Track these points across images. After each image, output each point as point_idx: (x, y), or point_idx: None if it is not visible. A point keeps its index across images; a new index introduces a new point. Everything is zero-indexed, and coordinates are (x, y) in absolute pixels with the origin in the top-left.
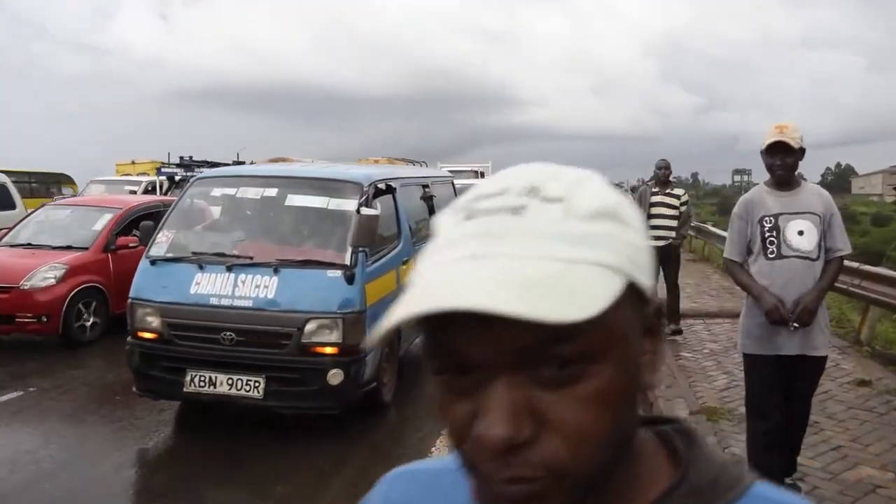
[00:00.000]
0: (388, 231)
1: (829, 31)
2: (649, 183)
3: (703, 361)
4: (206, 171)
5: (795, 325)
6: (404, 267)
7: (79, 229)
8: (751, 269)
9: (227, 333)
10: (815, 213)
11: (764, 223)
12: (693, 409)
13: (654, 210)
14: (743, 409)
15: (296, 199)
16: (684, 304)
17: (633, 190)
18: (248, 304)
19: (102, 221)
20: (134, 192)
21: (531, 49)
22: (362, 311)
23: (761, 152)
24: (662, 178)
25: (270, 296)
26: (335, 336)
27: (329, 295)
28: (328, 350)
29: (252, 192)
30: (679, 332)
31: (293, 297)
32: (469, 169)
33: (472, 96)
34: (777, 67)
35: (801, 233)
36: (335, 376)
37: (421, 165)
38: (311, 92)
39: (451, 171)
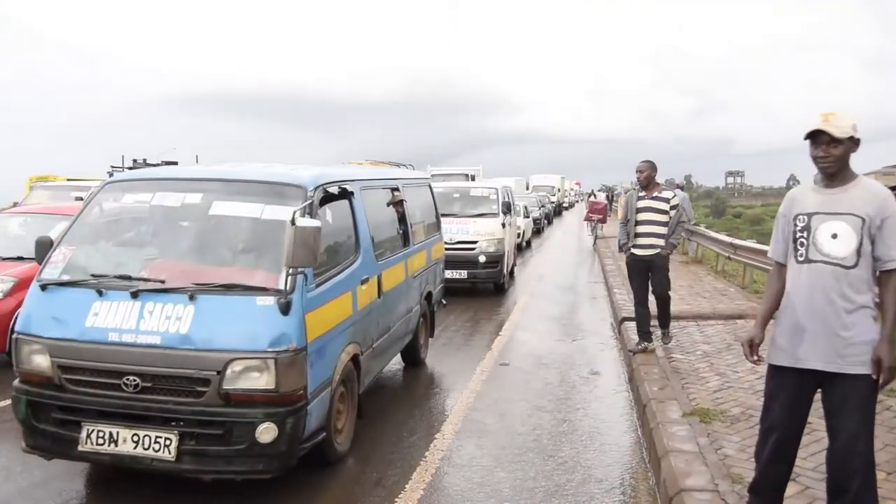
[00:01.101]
0: (343, 244)
1: (824, 33)
2: (636, 187)
3: (695, 363)
4: (119, 174)
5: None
6: (364, 287)
7: (32, 239)
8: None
9: (131, 378)
10: (856, 215)
11: (797, 222)
12: (686, 410)
13: (641, 216)
14: (735, 411)
15: (222, 207)
16: (677, 306)
17: (628, 192)
18: (156, 340)
19: (57, 230)
20: (81, 199)
21: (527, 53)
22: (301, 347)
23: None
24: (644, 181)
25: (184, 330)
26: (265, 381)
27: (258, 329)
28: (257, 398)
29: (171, 199)
30: (666, 339)
31: (212, 331)
32: (460, 172)
33: (468, 101)
34: (771, 70)
35: (834, 236)
36: (267, 432)
37: (406, 168)
38: (306, 97)
39: (441, 175)
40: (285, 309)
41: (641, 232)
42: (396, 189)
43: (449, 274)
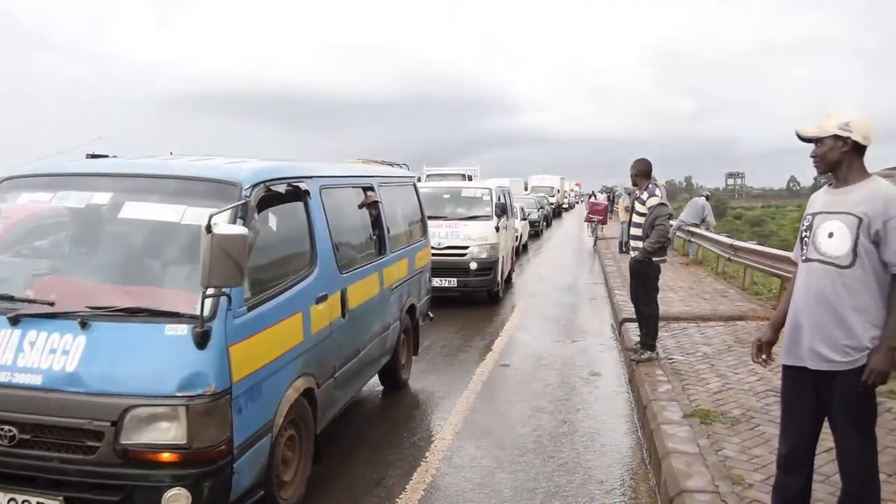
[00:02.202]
0: (293, 255)
1: (826, 35)
2: (634, 189)
3: (696, 364)
4: (19, 169)
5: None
6: (321, 306)
7: None
8: None
9: (6, 428)
10: (853, 214)
11: (804, 221)
12: (686, 411)
13: (631, 218)
14: (736, 412)
15: (136, 210)
16: (677, 308)
17: (629, 194)
18: (37, 380)
19: None
20: None
21: (529, 54)
22: (222, 390)
23: None
24: (633, 180)
25: (71, 368)
26: (174, 433)
27: (165, 366)
28: (164, 457)
29: (74, 199)
30: (651, 356)
31: (107, 370)
32: (457, 172)
33: (470, 101)
34: (773, 72)
35: (830, 235)
36: (177, 499)
37: (400, 168)
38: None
39: (437, 175)
40: (202, 340)
41: (631, 234)
42: (370, 188)
43: (437, 282)
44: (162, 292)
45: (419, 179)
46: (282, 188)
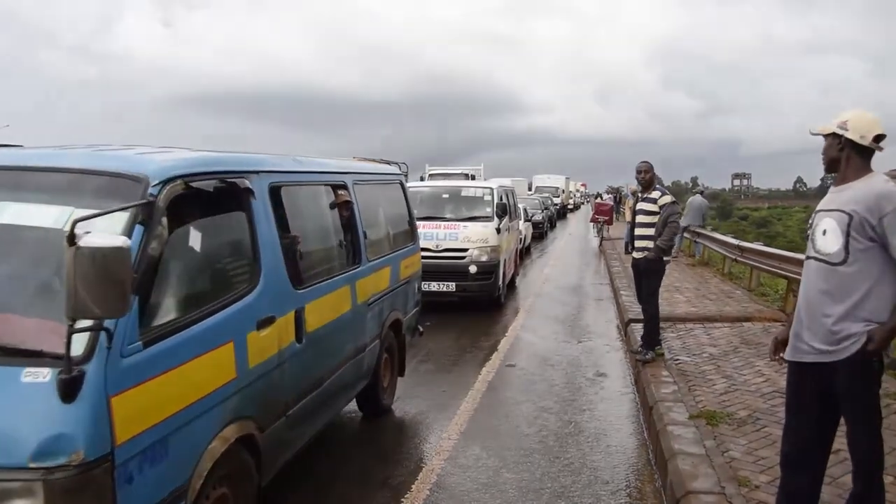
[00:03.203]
0: (224, 270)
1: (833, 36)
2: (639, 189)
3: (702, 365)
4: None
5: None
6: (264, 333)
7: None
8: None
9: None
10: (843, 212)
11: (809, 219)
12: (692, 413)
13: (637, 218)
14: (742, 413)
15: (5, 212)
16: (683, 309)
17: (633, 194)
18: None
19: None
20: None
21: (536, 55)
22: (99, 457)
23: None
24: (641, 181)
25: None
26: None
27: (18, 426)
28: None
29: None
30: (655, 356)
31: None
32: (458, 172)
33: (477, 101)
34: (779, 72)
35: (824, 232)
36: None
37: (399, 167)
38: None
39: (439, 174)
40: (68, 390)
41: (636, 234)
42: (341, 187)
43: (435, 286)
44: (25, 323)
45: (421, 179)
46: (209, 185)
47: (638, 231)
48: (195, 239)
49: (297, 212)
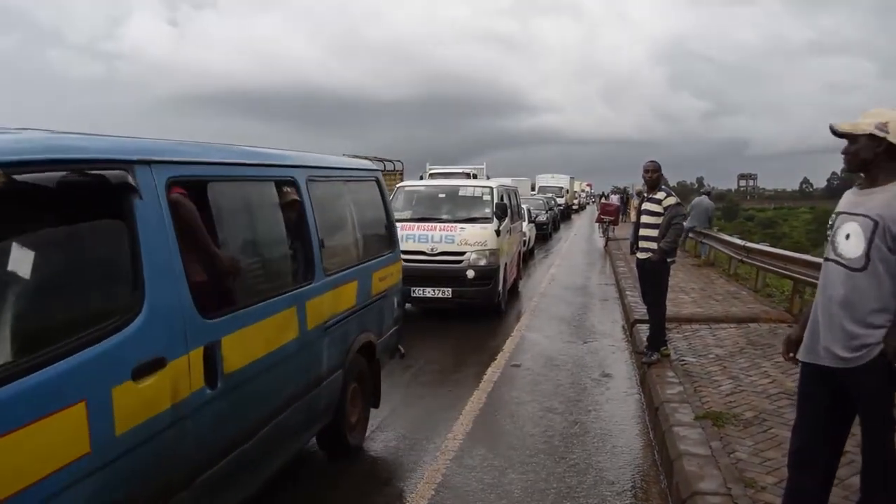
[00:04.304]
0: (77, 297)
1: (841, 36)
2: (644, 190)
3: (708, 366)
4: None
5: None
6: (145, 383)
7: None
8: None
9: None
10: (869, 217)
11: (830, 220)
12: (698, 413)
13: (641, 219)
14: (748, 415)
15: None
16: (689, 309)
17: (639, 194)
18: None
19: None
20: None
21: (543, 54)
22: None
23: None
24: (648, 181)
25: None
26: None
27: None
28: None
29: None
30: (661, 357)
31: None
32: (459, 171)
33: (483, 102)
34: (787, 73)
35: (847, 236)
36: None
37: (395, 165)
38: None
39: (440, 173)
40: None
41: (640, 235)
42: (290, 184)
43: (430, 292)
44: None
45: (420, 178)
46: (54, 180)
47: (642, 232)
48: (20, 258)
49: (219, 215)
